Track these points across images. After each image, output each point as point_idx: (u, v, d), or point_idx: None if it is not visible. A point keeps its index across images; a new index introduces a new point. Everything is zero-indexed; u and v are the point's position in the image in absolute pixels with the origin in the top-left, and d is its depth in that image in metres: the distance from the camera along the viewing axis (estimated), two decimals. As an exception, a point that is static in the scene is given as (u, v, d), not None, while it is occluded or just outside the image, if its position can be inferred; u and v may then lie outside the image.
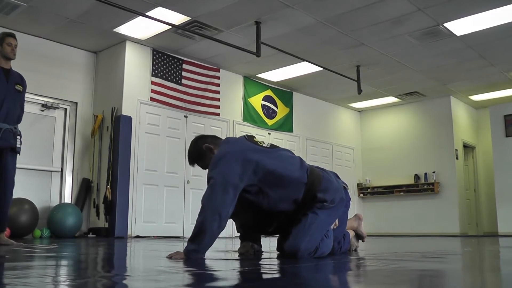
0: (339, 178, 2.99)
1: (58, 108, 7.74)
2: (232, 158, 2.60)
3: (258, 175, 2.63)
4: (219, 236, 2.61)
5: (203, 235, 2.48)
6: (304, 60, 8.18)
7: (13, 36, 4.56)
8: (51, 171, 7.61)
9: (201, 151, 2.85)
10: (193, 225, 2.59)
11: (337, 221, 2.97)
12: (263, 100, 9.73)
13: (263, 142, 2.85)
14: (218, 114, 8.83)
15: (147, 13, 6.40)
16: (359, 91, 9.05)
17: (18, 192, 5.57)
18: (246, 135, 2.89)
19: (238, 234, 3.17)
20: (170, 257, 2.55)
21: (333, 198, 2.78)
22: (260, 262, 2.49)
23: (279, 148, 2.87)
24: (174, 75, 8.25)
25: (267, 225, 2.92)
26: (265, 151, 2.72)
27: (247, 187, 2.64)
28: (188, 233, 7.71)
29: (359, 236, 3.42)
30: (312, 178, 2.74)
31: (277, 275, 1.94)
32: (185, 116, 8.39)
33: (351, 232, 3.30)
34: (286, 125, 10.15)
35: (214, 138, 2.92)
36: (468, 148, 11.52)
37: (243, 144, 2.72)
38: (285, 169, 2.69)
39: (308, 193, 2.72)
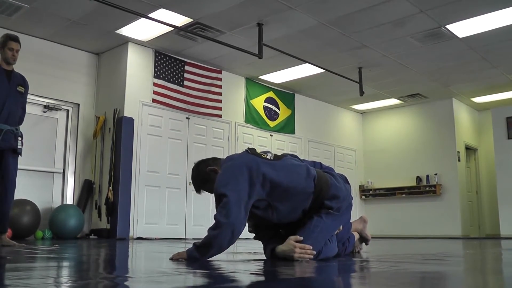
0: (348, 183, 2.93)
1: (60, 109, 7.75)
2: (239, 174, 2.55)
3: (266, 188, 2.59)
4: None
5: (211, 248, 2.49)
6: (306, 62, 8.18)
7: (16, 40, 4.50)
8: (53, 172, 7.62)
9: (205, 175, 2.73)
10: (195, 227, 2.60)
11: (341, 227, 2.96)
12: (265, 101, 9.73)
13: (266, 154, 2.77)
14: (220, 116, 8.83)
15: (149, 15, 6.41)
16: (361, 93, 9.05)
17: (20, 193, 5.58)
18: (248, 148, 2.80)
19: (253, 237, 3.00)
20: (172, 258, 2.56)
21: (339, 207, 2.76)
22: (263, 264, 2.49)
23: (284, 158, 2.79)
24: (176, 76, 8.26)
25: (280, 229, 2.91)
26: (270, 164, 2.66)
27: (256, 202, 2.59)
28: (190, 235, 7.79)
29: (363, 239, 3.41)
30: (320, 186, 2.70)
31: (280, 277, 1.94)
32: (187, 118, 8.39)
33: (356, 235, 3.29)
34: (288, 127, 10.14)
35: (215, 160, 2.81)
36: (470, 150, 11.50)
37: (247, 159, 2.65)
38: (291, 180, 2.64)
39: (316, 201, 2.70)
